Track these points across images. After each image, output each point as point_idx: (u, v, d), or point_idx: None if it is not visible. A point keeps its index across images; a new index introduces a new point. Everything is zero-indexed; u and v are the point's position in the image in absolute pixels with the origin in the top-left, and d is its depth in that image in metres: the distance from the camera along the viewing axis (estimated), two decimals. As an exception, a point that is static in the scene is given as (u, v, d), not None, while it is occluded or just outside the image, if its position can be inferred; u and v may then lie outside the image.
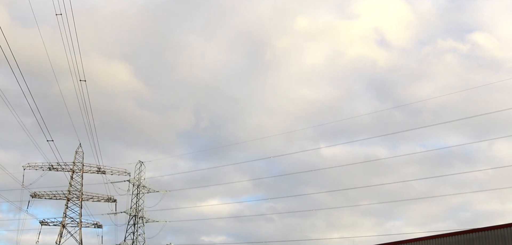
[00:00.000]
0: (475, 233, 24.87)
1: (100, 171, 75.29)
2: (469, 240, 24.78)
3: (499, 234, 23.86)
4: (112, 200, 76.05)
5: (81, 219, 74.65)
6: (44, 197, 75.43)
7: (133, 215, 75.84)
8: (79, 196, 74.74)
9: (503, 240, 23.62)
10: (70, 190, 74.66)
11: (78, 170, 75.31)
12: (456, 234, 25.68)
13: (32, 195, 74.49)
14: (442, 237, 25.99)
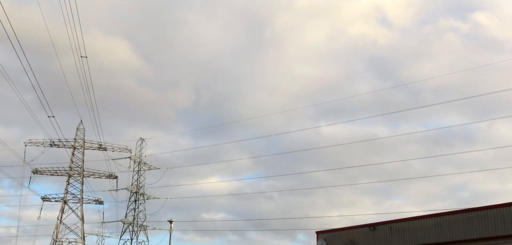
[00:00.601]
0: (474, 212, 24.99)
1: (101, 147, 75.45)
2: (468, 219, 24.91)
3: (498, 213, 23.98)
4: (113, 177, 76.31)
5: (83, 195, 75.02)
6: (46, 173, 75.71)
7: (134, 191, 76.17)
8: (80, 172, 74.99)
9: (502, 219, 23.75)
10: (72, 167, 74.89)
11: (79, 146, 75.47)
12: (455, 213, 25.82)
13: (34, 171, 74.75)
14: (441, 215, 26.13)
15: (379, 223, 28.68)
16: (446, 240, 25.28)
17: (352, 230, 29.21)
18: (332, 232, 30.17)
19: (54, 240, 72.82)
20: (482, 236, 24.17)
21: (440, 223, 25.80)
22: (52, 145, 74.47)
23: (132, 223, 75.60)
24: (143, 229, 76.50)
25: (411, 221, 27.24)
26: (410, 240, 26.64)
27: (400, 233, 27.14)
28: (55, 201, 76.34)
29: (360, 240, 27.76)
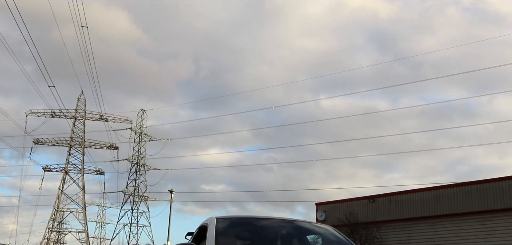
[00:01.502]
0: (473, 185, 25.08)
1: (102, 118, 75.47)
2: (467, 192, 25.01)
3: (497, 187, 24.07)
4: (114, 148, 76.48)
5: (84, 166, 75.31)
6: (47, 144, 75.88)
7: (135, 162, 76.45)
8: (81, 143, 75.16)
9: (501, 193, 23.84)
10: (72, 137, 75.02)
11: (80, 117, 75.53)
12: (454, 186, 25.92)
13: (35, 142, 74.85)
14: (440, 188, 26.24)
15: (379, 195, 28.83)
16: (445, 212, 25.41)
17: (352, 202, 29.37)
18: (332, 204, 30.35)
19: (56, 210, 73.31)
20: (481, 209, 24.29)
21: (439, 195, 25.92)
22: (53, 115, 74.49)
23: (133, 193, 76.04)
24: (143, 200, 77.00)
25: (410, 194, 27.37)
26: (409, 212, 26.81)
27: (399, 205, 27.29)
28: (56, 171, 76.68)
29: (360, 212, 27.92)
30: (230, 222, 6.50)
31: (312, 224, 7.02)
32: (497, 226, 23.74)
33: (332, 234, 6.66)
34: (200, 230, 6.78)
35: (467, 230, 24.64)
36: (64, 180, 74.00)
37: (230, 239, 5.95)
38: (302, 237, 6.43)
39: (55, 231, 73.59)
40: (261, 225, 6.53)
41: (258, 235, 6.25)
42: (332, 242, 6.46)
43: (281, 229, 6.45)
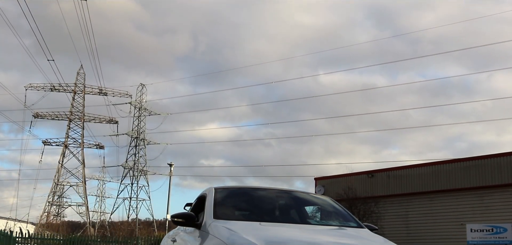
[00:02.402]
0: (471, 161, 25.18)
1: (101, 92, 75.38)
2: (466, 168, 25.11)
3: (495, 163, 24.16)
4: (114, 122, 76.54)
5: (83, 140, 75.42)
6: (47, 117, 75.88)
7: (135, 137, 76.57)
8: (81, 117, 75.19)
9: (498, 169, 23.94)
10: (72, 111, 75.01)
11: (80, 91, 75.44)
12: (453, 162, 26.01)
13: (35, 115, 74.83)
14: (438, 164, 26.35)
15: (377, 171, 28.95)
16: (443, 188, 25.54)
17: (350, 177, 29.50)
18: (330, 179, 30.50)
19: (56, 184, 73.62)
20: (479, 185, 24.42)
21: (438, 171, 26.03)
22: (52, 89, 74.39)
23: (132, 167, 76.28)
24: (143, 174, 77.30)
25: (408, 169, 27.47)
26: (407, 188, 26.94)
27: (398, 180, 27.42)
28: (56, 145, 76.83)
29: (358, 186, 28.05)
30: (229, 192, 6.55)
31: (310, 195, 7.08)
32: (494, 201, 23.90)
33: (330, 205, 6.72)
34: (199, 200, 6.84)
35: (464, 205, 24.80)
36: (64, 154, 74.20)
37: (228, 209, 6.00)
38: (301, 207, 6.49)
39: (55, 205, 74.00)
40: (260, 195, 6.58)
41: (256, 205, 6.30)
42: (330, 213, 6.52)
43: (280, 199, 6.51)
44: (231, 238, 4.75)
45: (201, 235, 5.48)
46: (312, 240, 4.94)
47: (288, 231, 5.34)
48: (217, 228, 5.19)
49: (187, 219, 5.92)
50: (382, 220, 25.43)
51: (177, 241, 6.86)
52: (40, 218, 70.02)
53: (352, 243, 5.08)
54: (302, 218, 6.18)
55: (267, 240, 4.70)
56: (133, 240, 28.86)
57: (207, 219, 5.65)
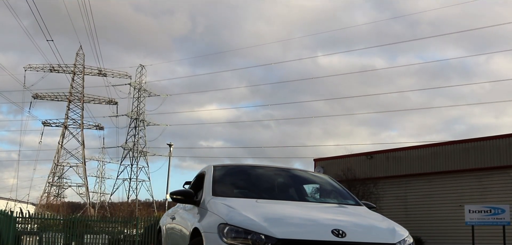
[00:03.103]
0: (471, 143, 25.20)
1: (101, 73, 75.21)
2: (465, 149, 25.14)
3: (494, 145, 24.18)
4: (113, 103, 76.46)
5: (83, 121, 75.42)
6: (46, 98, 75.82)
7: (134, 118, 76.56)
8: (81, 98, 75.10)
9: (497, 151, 23.96)
10: (72, 92, 74.90)
11: (79, 72, 75.26)
12: (452, 143, 26.04)
13: (34, 96, 74.73)
14: (437, 146, 26.37)
15: (376, 152, 28.99)
16: (442, 169, 25.59)
17: (349, 158, 29.54)
18: (330, 160, 30.54)
19: (56, 164, 73.75)
20: (478, 166, 24.46)
21: (437, 153, 26.06)
22: (51, 70, 74.22)
23: (132, 149, 76.37)
24: (143, 155, 77.41)
25: (408, 151, 27.50)
26: (406, 169, 27.00)
27: (397, 162, 27.47)
28: (55, 126, 76.83)
29: (357, 168, 28.10)
30: (228, 170, 6.57)
31: (309, 173, 7.10)
32: (493, 183, 23.96)
33: (329, 183, 6.75)
34: (198, 178, 6.86)
35: (463, 187, 24.87)
36: (64, 134, 74.24)
37: (227, 187, 6.03)
38: (299, 185, 6.52)
39: (55, 186, 74.19)
40: (258, 173, 6.61)
41: (255, 182, 6.33)
42: (328, 191, 6.55)
43: (278, 177, 6.53)
44: (230, 215, 4.77)
45: (200, 212, 5.50)
46: (310, 217, 4.97)
47: (286, 208, 5.37)
48: (216, 205, 5.22)
49: (186, 196, 5.95)
50: (381, 201, 25.53)
51: (176, 219, 6.90)
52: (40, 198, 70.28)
53: (350, 220, 5.11)
54: (300, 196, 6.21)
55: (265, 216, 4.73)
56: (132, 221, 28.97)
57: (206, 196, 5.67)
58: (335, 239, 4.46)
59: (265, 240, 4.37)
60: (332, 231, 4.54)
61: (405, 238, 4.88)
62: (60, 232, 26.56)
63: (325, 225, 4.67)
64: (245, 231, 4.49)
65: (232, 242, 4.46)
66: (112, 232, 27.65)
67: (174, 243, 6.75)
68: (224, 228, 4.59)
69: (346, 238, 4.50)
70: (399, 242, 4.74)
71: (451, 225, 24.50)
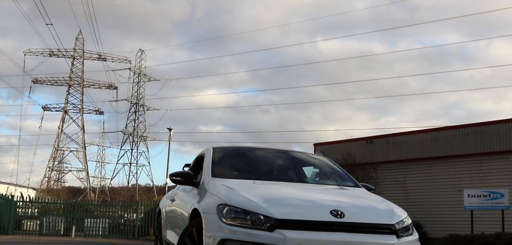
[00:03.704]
0: (471, 128, 25.19)
1: (100, 58, 75.06)
2: (464, 134, 25.13)
3: (494, 130, 24.16)
4: (113, 87, 76.38)
5: (83, 106, 75.40)
6: (46, 83, 75.74)
7: (134, 102, 76.52)
8: (80, 82, 75.01)
9: (497, 136, 23.95)
10: (71, 77, 74.80)
11: (79, 56, 75.10)
12: (452, 128, 26.04)
13: (34, 81, 74.64)
14: (437, 130, 26.37)
15: (376, 137, 28.98)
16: (442, 154, 25.60)
17: (349, 143, 29.56)
18: (329, 145, 30.55)
19: (56, 149, 73.84)
20: (477, 151, 24.48)
21: (436, 137, 26.06)
22: (51, 54, 74.06)
23: (132, 133, 76.41)
24: (143, 140, 77.47)
25: (407, 136, 27.50)
26: (406, 154, 27.00)
27: (397, 146, 27.48)
28: (55, 110, 76.85)
29: (357, 152, 28.12)
30: (227, 151, 6.58)
31: (308, 155, 7.12)
32: (493, 168, 23.99)
33: (328, 165, 6.77)
34: (197, 160, 6.88)
35: (462, 171, 24.91)
36: (64, 119, 74.25)
37: (226, 168, 6.04)
38: (298, 167, 6.54)
39: (56, 170, 74.34)
40: (258, 155, 6.63)
41: (254, 164, 6.35)
42: (327, 173, 6.57)
43: (277, 159, 6.55)
44: (229, 196, 4.79)
45: (199, 193, 5.52)
46: (308, 198, 4.99)
47: (285, 189, 5.39)
48: (215, 186, 5.23)
49: (186, 178, 5.97)
50: (381, 186, 25.57)
51: (176, 201, 6.93)
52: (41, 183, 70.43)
53: (349, 201, 5.13)
54: (299, 177, 6.23)
55: (264, 197, 4.74)
56: (133, 205, 29.07)
57: (205, 178, 5.69)
58: (334, 219, 4.48)
59: (264, 221, 4.39)
60: (330, 211, 4.56)
61: (403, 219, 4.90)
62: (61, 216, 26.68)
63: (323, 206, 4.69)
64: (244, 212, 4.51)
65: (231, 223, 4.48)
66: (112, 217, 27.77)
67: (174, 224, 6.78)
68: (223, 208, 4.61)
69: (344, 219, 4.52)
70: (397, 223, 4.76)
71: (450, 209, 24.57)
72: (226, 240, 4.39)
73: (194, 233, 4.94)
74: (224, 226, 4.47)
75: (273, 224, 4.36)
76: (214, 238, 4.45)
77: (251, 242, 4.29)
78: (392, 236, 4.60)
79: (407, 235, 4.79)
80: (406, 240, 4.70)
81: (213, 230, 4.52)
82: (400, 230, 4.72)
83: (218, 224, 4.52)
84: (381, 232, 4.59)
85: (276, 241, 4.25)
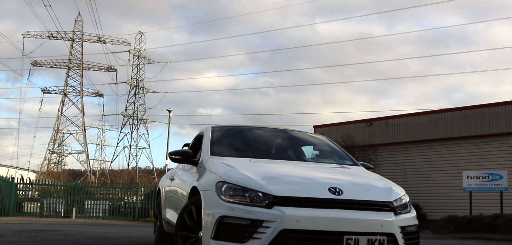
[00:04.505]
0: (470, 110, 25.23)
1: (100, 40, 74.84)
2: (464, 116, 25.17)
3: (493, 112, 24.21)
4: (113, 70, 76.28)
5: (82, 88, 75.32)
6: (45, 66, 75.60)
7: (134, 85, 76.44)
8: (80, 65, 74.86)
9: (496, 118, 23.99)
10: (71, 59, 74.63)
11: (78, 39, 74.88)
12: (451, 110, 26.08)
13: (33, 63, 74.49)
14: (437, 112, 26.41)
15: (376, 119, 29.04)
16: (441, 136, 25.68)
17: (349, 125, 29.63)
18: (329, 127, 30.62)
19: (56, 132, 73.89)
20: (477, 133, 24.53)
21: (436, 120, 26.11)
22: (50, 37, 73.84)
23: (132, 116, 76.44)
24: (143, 122, 77.53)
25: (407, 118, 27.55)
26: (405, 136, 27.08)
27: (396, 129, 27.54)
28: (55, 93, 76.81)
29: (357, 135, 28.19)
30: (226, 130, 6.60)
31: (306, 134, 7.14)
32: (491, 150, 24.07)
33: (326, 144, 6.79)
34: (196, 140, 6.90)
35: (461, 153, 24.98)
36: (63, 102, 74.21)
37: (225, 147, 6.07)
38: (297, 146, 6.56)
39: (56, 153, 74.45)
40: (256, 134, 6.66)
41: (253, 143, 6.38)
42: (326, 152, 6.60)
43: (276, 138, 6.58)
44: (228, 173, 4.82)
45: (198, 171, 5.55)
46: (307, 176, 5.01)
47: (284, 167, 5.41)
48: (214, 164, 5.26)
49: (185, 156, 5.99)
50: (380, 168, 25.65)
51: (175, 180, 6.96)
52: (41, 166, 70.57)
53: (347, 178, 5.15)
54: (298, 156, 6.26)
55: (263, 175, 4.77)
56: (133, 187, 29.17)
57: (204, 156, 5.71)
58: (332, 196, 4.50)
59: (262, 198, 4.42)
60: (329, 189, 4.58)
61: (401, 197, 4.93)
62: (61, 199, 26.79)
63: (322, 183, 4.71)
64: (243, 189, 4.53)
65: (230, 200, 4.50)
66: (112, 199, 27.88)
67: (173, 203, 6.82)
68: (222, 186, 4.63)
69: (342, 196, 4.54)
70: (395, 200, 4.79)
71: (450, 191, 24.68)
72: (225, 216, 4.41)
73: (193, 210, 4.97)
74: (223, 203, 4.50)
75: (272, 201, 4.38)
76: (213, 215, 4.48)
77: (250, 219, 4.32)
78: (390, 213, 4.62)
79: (405, 212, 4.82)
80: (404, 217, 4.73)
81: (212, 207, 4.54)
82: (398, 207, 4.75)
83: (217, 201, 4.54)
84: (379, 209, 4.62)
85: (274, 217, 4.27)
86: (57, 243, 7.70)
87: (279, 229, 4.25)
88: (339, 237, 4.32)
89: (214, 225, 4.45)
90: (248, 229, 4.31)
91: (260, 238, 4.26)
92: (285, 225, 4.26)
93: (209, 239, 4.47)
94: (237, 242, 4.33)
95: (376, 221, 4.48)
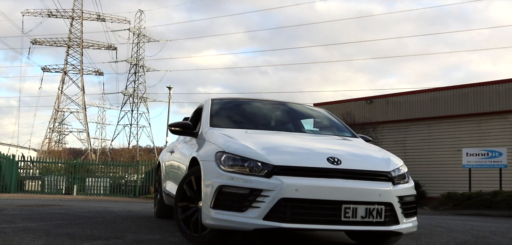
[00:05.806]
0: (470, 88, 25.22)
1: (99, 18, 74.56)
2: (464, 94, 25.17)
3: (493, 90, 24.20)
4: (113, 48, 76.09)
5: (82, 67, 75.19)
6: (45, 44, 75.40)
7: (134, 63, 76.30)
8: (80, 43, 74.66)
9: (497, 96, 23.99)
10: (70, 37, 74.42)
11: (78, 17, 74.57)
12: (451, 88, 26.05)
13: (33, 42, 74.29)
14: (437, 90, 26.39)
15: (376, 97, 29.03)
16: (441, 114, 25.69)
17: (349, 103, 29.63)
18: (329, 104, 30.60)
19: (56, 110, 73.93)
20: (477, 111, 24.54)
21: (436, 98, 26.11)
22: (50, 15, 73.55)
23: (132, 94, 76.41)
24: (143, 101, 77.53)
25: (407, 96, 27.54)
26: (405, 114, 27.09)
27: (396, 106, 27.54)
28: (55, 71, 76.71)
29: (357, 112, 28.21)
30: (225, 102, 6.63)
31: (305, 106, 7.16)
32: (492, 127, 24.10)
33: (325, 117, 6.82)
34: (196, 112, 6.93)
35: (462, 131, 25.02)
36: (64, 80, 74.14)
37: (225, 118, 6.09)
38: (296, 117, 6.59)
39: (56, 131, 74.55)
40: (256, 106, 6.68)
41: (252, 115, 6.40)
42: (325, 125, 6.62)
43: (275, 110, 6.60)
44: (227, 144, 4.84)
45: (198, 143, 5.58)
46: (305, 146, 5.04)
47: (283, 138, 5.45)
48: (214, 135, 5.29)
49: (185, 128, 6.02)
50: (380, 145, 25.61)
51: (175, 152, 7.00)
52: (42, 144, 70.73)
53: (346, 149, 5.18)
54: (297, 128, 6.29)
55: (262, 145, 4.80)
56: (134, 165, 29.28)
57: (204, 128, 5.74)
58: (330, 166, 4.53)
59: (261, 167, 4.45)
60: (327, 158, 4.61)
61: (399, 167, 4.96)
62: (62, 176, 26.90)
63: (320, 153, 4.74)
64: (242, 159, 4.56)
65: (229, 170, 4.53)
66: (113, 177, 28.00)
67: (173, 175, 6.86)
68: (221, 156, 4.66)
69: (341, 166, 4.57)
70: (393, 170, 4.82)
71: (450, 168, 24.76)
72: (224, 186, 4.44)
73: (193, 181, 5.00)
74: (222, 173, 4.53)
75: (270, 170, 4.41)
76: (212, 185, 4.51)
77: (249, 188, 4.35)
78: (388, 183, 4.66)
79: (403, 182, 4.86)
80: (401, 187, 4.77)
81: (212, 177, 4.57)
82: (396, 177, 4.79)
83: (216, 171, 4.57)
84: (377, 179, 4.65)
85: (273, 186, 4.31)
86: (58, 216, 7.76)
87: (278, 198, 4.29)
88: (338, 206, 4.36)
89: (213, 194, 4.48)
90: (247, 198, 4.34)
91: (259, 207, 4.30)
92: (284, 194, 4.29)
93: (209, 209, 4.50)
94: (236, 211, 4.37)
95: (374, 191, 4.51)
